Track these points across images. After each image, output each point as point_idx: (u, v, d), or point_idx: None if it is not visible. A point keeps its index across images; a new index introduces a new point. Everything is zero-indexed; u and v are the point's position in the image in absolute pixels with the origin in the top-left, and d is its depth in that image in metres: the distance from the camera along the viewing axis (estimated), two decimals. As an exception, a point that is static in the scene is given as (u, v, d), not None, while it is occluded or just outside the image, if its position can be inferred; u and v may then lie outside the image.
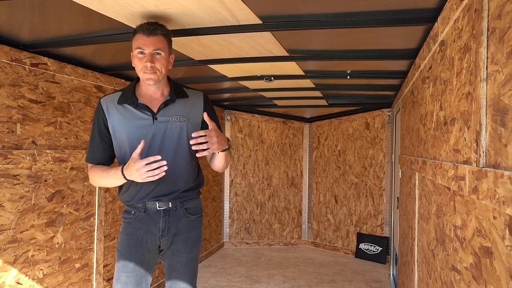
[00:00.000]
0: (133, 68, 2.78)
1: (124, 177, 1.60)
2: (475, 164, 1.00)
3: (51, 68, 2.29)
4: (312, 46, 2.30)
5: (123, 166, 1.61)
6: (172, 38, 2.06)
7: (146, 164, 1.50)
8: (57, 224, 2.36)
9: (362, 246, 4.72)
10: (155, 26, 1.61)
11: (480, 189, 0.92)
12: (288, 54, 2.36)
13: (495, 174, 0.82)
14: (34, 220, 2.19)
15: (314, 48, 2.34)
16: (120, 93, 1.76)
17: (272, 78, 3.06)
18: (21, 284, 2.11)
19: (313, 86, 3.43)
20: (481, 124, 0.96)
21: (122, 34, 1.99)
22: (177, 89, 1.76)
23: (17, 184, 2.08)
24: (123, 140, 1.71)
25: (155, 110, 1.70)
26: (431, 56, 1.77)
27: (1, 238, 1.98)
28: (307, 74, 2.97)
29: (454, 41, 1.33)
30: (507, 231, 0.78)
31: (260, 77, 3.09)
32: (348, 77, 2.95)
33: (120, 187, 1.80)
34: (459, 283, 1.17)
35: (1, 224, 1.99)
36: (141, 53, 1.62)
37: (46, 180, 2.28)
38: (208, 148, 1.55)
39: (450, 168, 1.25)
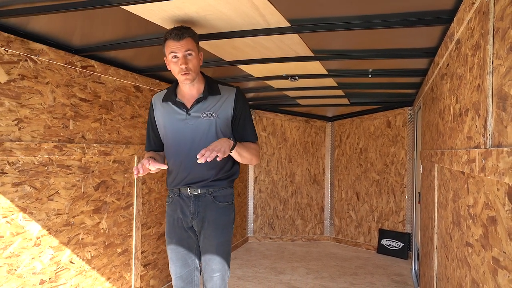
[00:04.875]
0: (167, 69, 3.02)
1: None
2: (483, 146, 1.14)
3: (97, 70, 2.54)
4: (335, 46, 2.45)
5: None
6: (208, 41, 2.27)
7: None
8: (102, 212, 2.61)
9: (384, 242, 4.81)
10: (182, 30, 1.76)
11: (487, 167, 1.06)
12: (313, 54, 2.53)
13: (497, 152, 0.96)
14: (84, 207, 2.44)
15: (338, 48, 2.49)
16: (166, 91, 2.02)
17: (297, 77, 3.23)
18: (73, 263, 2.35)
19: (336, 84, 3.58)
20: (487, 111, 1.11)
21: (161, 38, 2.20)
22: (210, 87, 1.93)
23: (70, 174, 2.33)
24: (164, 131, 1.98)
25: (189, 107, 1.91)
26: (449, 54, 1.90)
27: (58, 221, 2.23)
28: (330, 73, 3.12)
29: (467, 40, 1.47)
30: (506, 198, 0.93)
31: (285, 77, 3.26)
32: (370, 75, 3.09)
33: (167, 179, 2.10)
34: (471, 255, 1.31)
35: (58, 209, 2.24)
36: (175, 57, 1.79)
37: (93, 171, 2.52)
38: (217, 156, 1.63)
39: (464, 154, 1.39)
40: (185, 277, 2.01)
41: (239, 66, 2.90)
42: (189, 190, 1.95)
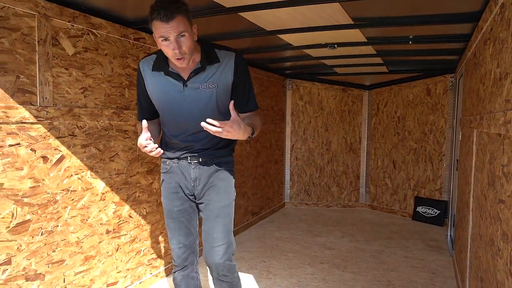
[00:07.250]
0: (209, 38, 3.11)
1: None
2: (519, 107, 1.21)
3: (148, 42, 2.72)
4: (376, 13, 2.48)
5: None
6: (250, 12, 2.36)
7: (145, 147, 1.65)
8: (154, 173, 2.86)
9: (420, 209, 4.86)
10: (171, 8, 1.50)
11: (520, 126, 1.14)
12: (353, 22, 2.57)
13: (530, 111, 1.04)
14: (139, 168, 2.70)
15: (378, 15, 2.51)
16: (155, 56, 1.77)
17: (336, 46, 3.27)
18: (132, 218, 2.64)
19: (375, 52, 3.58)
20: (524, 73, 1.17)
21: (209, 10, 2.32)
22: (208, 55, 1.72)
23: (127, 138, 2.58)
24: (158, 103, 1.82)
25: (185, 78, 1.72)
26: (493, 18, 1.90)
27: (118, 179, 2.50)
28: (370, 41, 3.14)
29: (511, 4, 1.49)
30: (536, 153, 1.01)
31: (324, 45, 3.31)
32: (410, 42, 3.07)
33: (160, 145, 1.91)
34: (503, 211, 1.40)
35: (118, 169, 2.50)
36: (166, 40, 1.55)
37: (146, 136, 2.76)
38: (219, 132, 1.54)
39: (501, 117, 1.45)
40: (189, 246, 1.93)
41: (279, 36, 2.99)
42: (189, 158, 1.86)
